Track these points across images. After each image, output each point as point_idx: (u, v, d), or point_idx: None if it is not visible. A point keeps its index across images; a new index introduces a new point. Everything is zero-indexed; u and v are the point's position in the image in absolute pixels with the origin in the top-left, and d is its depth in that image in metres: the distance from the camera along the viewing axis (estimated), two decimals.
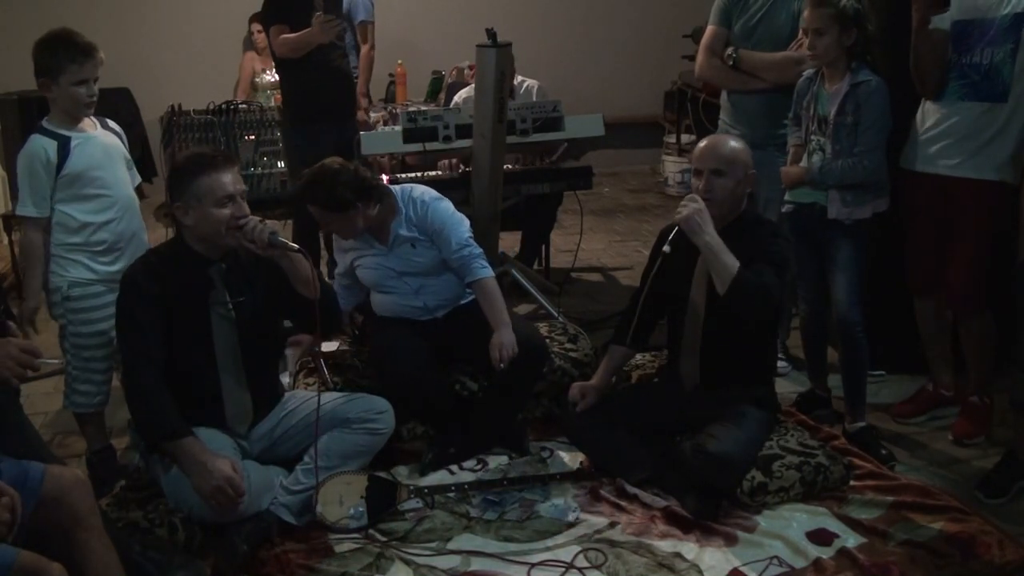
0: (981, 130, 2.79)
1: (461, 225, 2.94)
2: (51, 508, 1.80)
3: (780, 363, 3.43)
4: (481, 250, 2.94)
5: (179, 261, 2.44)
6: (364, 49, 5.35)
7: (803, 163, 2.96)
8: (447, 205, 2.97)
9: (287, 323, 2.71)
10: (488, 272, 2.89)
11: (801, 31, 3.14)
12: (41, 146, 2.63)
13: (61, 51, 2.61)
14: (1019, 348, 2.63)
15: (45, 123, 2.69)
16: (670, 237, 2.58)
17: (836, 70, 2.84)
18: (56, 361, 1.92)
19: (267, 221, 2.42)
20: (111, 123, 2.87)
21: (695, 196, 2.56)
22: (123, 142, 2.86)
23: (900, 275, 3.16)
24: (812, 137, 2.93)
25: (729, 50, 3.36)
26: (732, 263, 2.46)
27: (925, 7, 2.73)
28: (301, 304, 2.47)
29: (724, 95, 3.56)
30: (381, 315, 3.07)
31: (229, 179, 2.38)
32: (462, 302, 3.03)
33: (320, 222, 2.92)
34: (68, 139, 2.66)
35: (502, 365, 2.69)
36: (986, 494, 2.66)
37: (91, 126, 2.75)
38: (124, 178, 2.79)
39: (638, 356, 3.21)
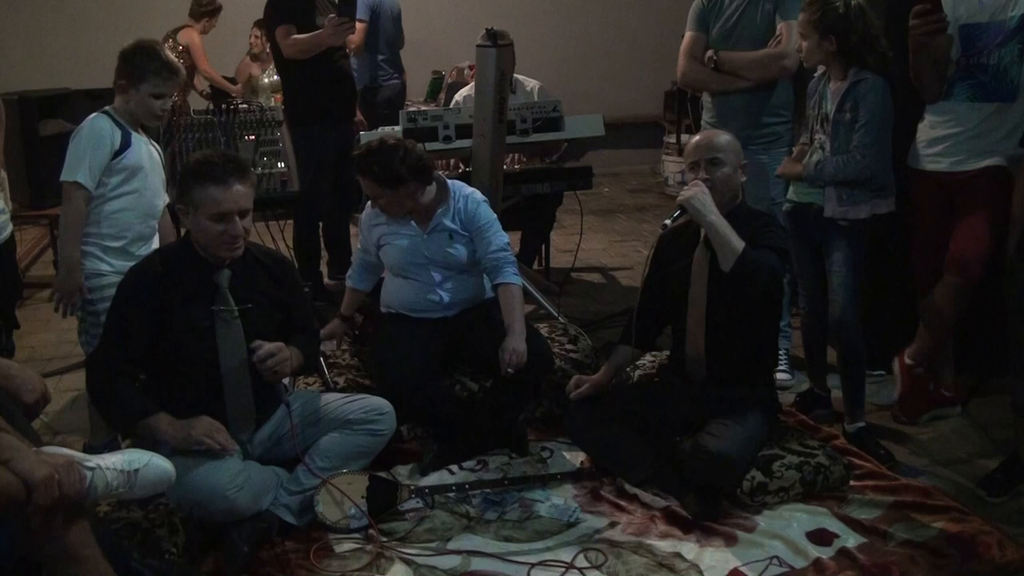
0: (990, 130, 2.80)
1: (502, 231, 3.01)
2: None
3: (783, 375, 3.40)
4: (515, 259, 2.99)
5: (185, 263, 2.42)
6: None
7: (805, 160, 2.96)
8: (492, 211, 3.05)
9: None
10: (518, 280, 2.93)
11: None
12: (110, 126, 2.71)
13: (150, 62, 2.70)
14: (1017, 352, 2.63)
15: (111, 110, 2.76)
16: (673, 216, 2.61)
17: (837, 69, 2.85)
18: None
19: (287, 355, 2.42)
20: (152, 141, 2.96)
21: (697, 181, 2.59)
22: (162, 159, 2.94)
23: (901, 275, 3.15)
24: (816, 136, 2.94)
25: (709, 53, 3.40)
26: (737, 240, 2.49)
27: (924, 35, 2.73)
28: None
29: (706, 96, 3.59)
30: (388, 311, 3.07)
31: (228, 196, 2.32)
32: (474, 304, 3.05)
33: (370, 195, 2.92)
34: (130, 134, 2.75)
35: (510, 370, 2.70)
36: (989, 492, 2.66)
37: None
38: (159, 188, 2.88)
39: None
